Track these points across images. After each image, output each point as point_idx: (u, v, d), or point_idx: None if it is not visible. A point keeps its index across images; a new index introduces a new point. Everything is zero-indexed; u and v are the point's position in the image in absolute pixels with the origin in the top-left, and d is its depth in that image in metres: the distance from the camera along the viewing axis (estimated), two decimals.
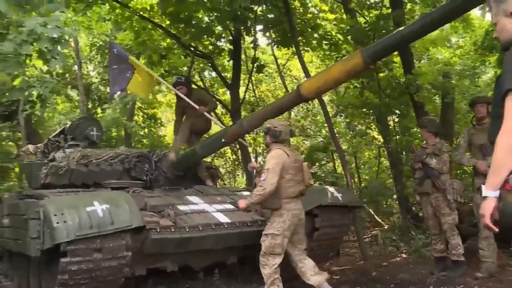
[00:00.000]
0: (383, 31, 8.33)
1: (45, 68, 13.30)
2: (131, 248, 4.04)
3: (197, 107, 6.16)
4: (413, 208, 9.51)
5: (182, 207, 4.87)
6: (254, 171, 5.18)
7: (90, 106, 15.44)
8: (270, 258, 4.39)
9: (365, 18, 9.91)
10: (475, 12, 13.48)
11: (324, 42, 10.23)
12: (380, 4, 9.28)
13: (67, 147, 6.42)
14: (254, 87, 14.84)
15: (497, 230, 2.19)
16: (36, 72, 13.14)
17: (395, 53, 8.65)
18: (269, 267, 4.39)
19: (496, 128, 2.22)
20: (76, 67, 14.86)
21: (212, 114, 8.10)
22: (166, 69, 10.30)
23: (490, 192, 2.18)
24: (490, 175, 2.20)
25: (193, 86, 9.52)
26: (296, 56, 9.98)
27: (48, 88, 7.10)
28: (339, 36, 10.20)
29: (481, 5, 5.95)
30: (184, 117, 6.51)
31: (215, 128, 8.37)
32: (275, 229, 4.40)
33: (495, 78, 2.32)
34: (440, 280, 5.37)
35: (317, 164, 12.85)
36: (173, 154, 5.99)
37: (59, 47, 4.65)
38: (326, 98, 14.77)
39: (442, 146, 5.83)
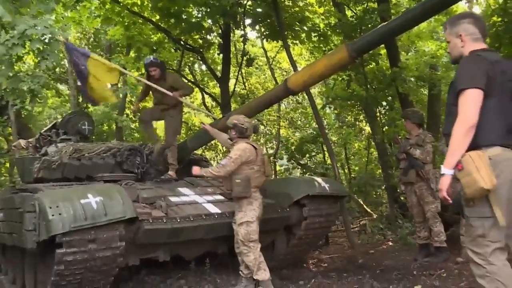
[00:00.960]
0: (370, 25, 8.48)
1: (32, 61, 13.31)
2: (125, 239, 4.16)
3: (169, 93, 5.85)
4: (401, 197, 9.72)
5: (173, 199, 5.03)
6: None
7: (81, 100, 15.43)
8: (251, 244, 4.61)
9: (353, 12, 10.05)
10: (462, 5, 13.69)
11: (313, 34, 10.36)
12: None
13: (59, 141, 6.50)
14: (244, 80, 14.94)
15: (451, 201, 2.70)
16: (26, 66, 13.13)
17: (382, 45, 8.79)
18: (252, 253, 4.61)
19: (449, 122, 2.70)
20: (66, 61, 14.83)
21: (187, 98, 7.97)
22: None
23: (447, 170, 2.62)
24: (448, 156, 2.61)
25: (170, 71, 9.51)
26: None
27: (40, 82, 7.13)
28: (327, 28, 10.33)
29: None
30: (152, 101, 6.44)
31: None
32: (249, 217, 4.62)
33: None
34: (423, 265, 5.56)
35: (307, 155, 13.04)
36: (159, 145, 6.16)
37: (49, 48, 4.73)
38: (315, 90, 14.96)
39: (426, 137, 6.01)
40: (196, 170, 4.78)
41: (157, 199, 4.89)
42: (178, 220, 4.60)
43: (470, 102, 2.56)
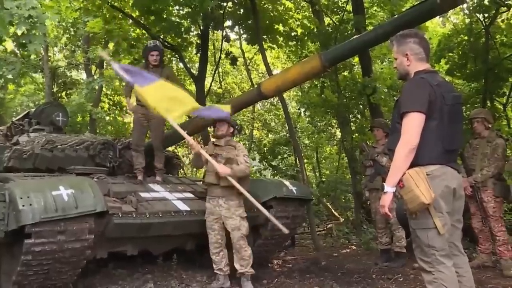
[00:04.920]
0: (346, 34, 8.72)
1: (9, 47, 13.11)
2: (94, 232, 4.21)
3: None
4: (368, 203, 9.99)
5: (143, 194, 5.11)
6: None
7: (55, 90, 15.28)
8: (247, 237, 4.87)
9: (331, 20, 10.28)
10: (437, 20, 14.11)
11: (290, 39, 10.53)
12: (343, 8, 9.66)
13: (31, 131, 6.47)
14: (221, 79, 15.05)
15: (391, 217, 2.99)
16: None
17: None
18: (249, 247, 4.87)
19: (393, 138, 2.89)
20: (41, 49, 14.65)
21: None
22: (136, 57, 10.40)
23: (389, 188, 2.85)
24: (390, 176, 2.82)
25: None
26: None
27: (16, 69, 6.99)
28: (304, 34, 10.51)
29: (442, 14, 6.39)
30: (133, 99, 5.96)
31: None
32: (244, 212, 4.89)
33: None
34: (382, 269, 5.81)
35: (279, 157, 13.24)
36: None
37: (35, 31, 4.72)
38: (291, 93, 15.19)
39: None
40: (224, 169, 4.63)
41: (128, 194, 4.97)
42: (147, 216, 4.68)
43: (413, 125, 2.74)
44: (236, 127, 5.18)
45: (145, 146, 6.12)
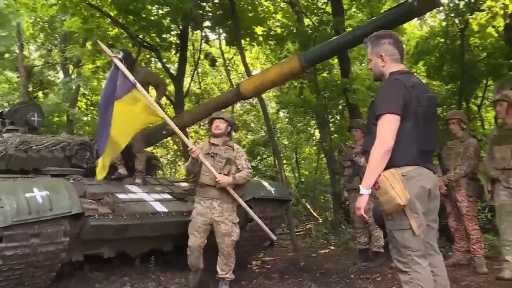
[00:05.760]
0: (325, 35, 8.77)
1: None
2: (69, 234, 4.13)
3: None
4: (347, 203, 10.06)
5: (121, 196, 5.04)
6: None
7: (31, 89, 14.99)
8: None
9: (311, 20, 10.33)
10: (415, 22, 14.30)
11: (270, 39, 10.53)
12: (322, 10, 9.72)
13: (5, 131, 6.32)
14: (200, 80, 14.98)
15: (368, 218, 3.01)
16: None
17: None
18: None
19: (368, 140, 2.90)
20: (16, 48, 14.36)
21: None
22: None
23: (365, 190, 2.83)
24: (366, 178, 2.81)
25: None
26: None
27: None
28: (284, 33, 10.53)
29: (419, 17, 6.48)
30: None
31: None
32: (237, 217, 4.81)
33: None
34: (360, 269, 5.85)
35: (258, 157, 13.25)
36: None
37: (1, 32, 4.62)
38: (271, 94, 15.22)
39: None
40: (225, 180, 4.53)
41: (105, 196, 4.91)
42: (124, 217, 4.62)
43: (388, 126, 2.73)
44: (233, 126, 5.07)
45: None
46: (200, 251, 4.74)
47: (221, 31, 10.26)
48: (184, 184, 5.94)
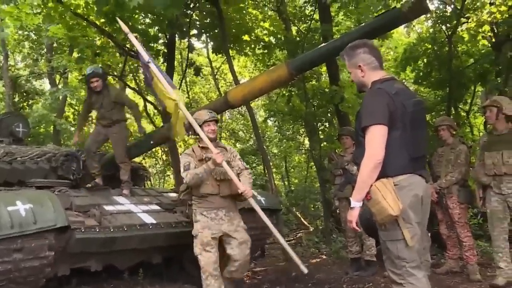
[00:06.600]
0: (313, 42, 8.76)
1: None
2: (54, 248, 4.03)
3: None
4: (338, 211, 10.01)
5: (108, 207, 4.94)
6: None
7: (16, 100, 14.79)
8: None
9: (298, 28, 10.33)
10: (402, 29, 14.40)
11: (258, 47, 10.50)
12: (310, 17, 9.73)
13: None
14: (188, 89, 14.91)
15: (359, 230, 2.89)
16: None
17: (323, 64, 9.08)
18: None
19: (358, 151, 2.83)
20: (1, 57, 14.18)
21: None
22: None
23: (356, 203, 2.76)
24: (356, 191, 2.74)
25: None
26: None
27: None
28: (272, 41, 10.51)
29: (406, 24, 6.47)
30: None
31: None
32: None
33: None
34: (353, 279, 5.78)
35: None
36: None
37: None
38: (259, 102, 15.19)
39: None
40: (249, 189, 4.30)
41: (91, 208, 4.79)
42: (112, 230, 4.52)
43: (376, 138, 2.66)
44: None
45: (108, 158, 6.04)
46: (217, 270, 4.27)
47: (208, 39, 10.20)
48: (173, 195, 5.84)
